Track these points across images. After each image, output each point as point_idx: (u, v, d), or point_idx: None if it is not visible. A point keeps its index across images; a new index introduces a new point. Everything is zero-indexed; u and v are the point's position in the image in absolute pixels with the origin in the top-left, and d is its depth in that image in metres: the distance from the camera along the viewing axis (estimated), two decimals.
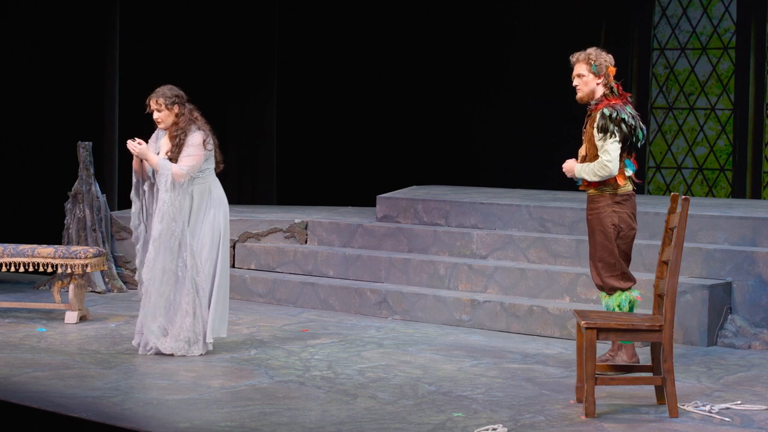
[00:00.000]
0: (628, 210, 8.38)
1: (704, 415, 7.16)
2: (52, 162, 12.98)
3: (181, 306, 8.69)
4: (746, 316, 9.51)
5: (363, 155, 15.39)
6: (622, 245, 8.39)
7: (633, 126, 8.33)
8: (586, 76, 8.43)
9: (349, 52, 15.49)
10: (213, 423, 6.79)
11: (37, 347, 8.99)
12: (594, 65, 8.39)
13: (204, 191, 8.82)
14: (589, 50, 8.50)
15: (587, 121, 8.48)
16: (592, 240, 8.44)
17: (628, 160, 8.41)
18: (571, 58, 8.54)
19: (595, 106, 8.39)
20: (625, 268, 8.42)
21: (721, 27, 14.42)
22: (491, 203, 11.33)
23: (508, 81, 15.11)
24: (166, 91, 8.83)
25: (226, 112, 15.01)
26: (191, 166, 8.71)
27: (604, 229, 8.34)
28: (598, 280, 8.45)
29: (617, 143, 8.26)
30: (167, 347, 8.68)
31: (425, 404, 7.33)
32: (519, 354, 9.00)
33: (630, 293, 8.41)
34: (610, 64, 8.45)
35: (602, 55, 8.46)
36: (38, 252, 10.23)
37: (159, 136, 8.98)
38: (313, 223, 12.03)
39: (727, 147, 14.38)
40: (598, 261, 8.40)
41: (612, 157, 8.24)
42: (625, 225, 8.37)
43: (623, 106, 8.37)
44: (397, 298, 10.59)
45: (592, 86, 8.43)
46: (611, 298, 8.40)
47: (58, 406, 7.01)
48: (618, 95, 8.43)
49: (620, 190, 8.35)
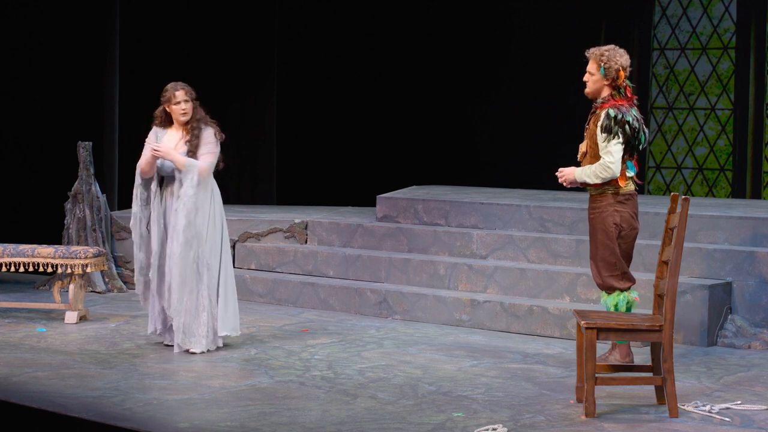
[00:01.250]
0: (630, 210, 8.37)
1: (704, 415, 7.16)
2: (52, 162, 12.98)
3: (201, 301, 8.83)
4: (746, 316, 9.51)
5: (363, 155, 15.39)
6: (623, 245, 8.39)
7: (637, 129, 8.31)
8: (594, 75, 8.39)
9: (349, 52, 15.49)
10: (213, 423, 6.79)
11: (37, 347, 8.99)
12: (603, 67, 8.34)
13: (207, 188, 8.88)
14: (604, 48, 8.39)
15: (591, 118, 8.46)
16: (593, 239, 8.43)
17: (630, 161, 8.39)
18: (587, 51, 8.48)
19: (601, 105, 8.37)
20: (626, 268, 8.41)
21: (721, 27, 14.42)
22: (491, 203, 11.33)
23: (508, 81, 15.11)
24: (186, 85, 9.04)
25: (227, 112, 14.97)
26: (211, 162, 8.91)
27: (605, 228, 8.33)
28: (599, 279, 8.44)
29: (620, 145, 8.24)
30: (196, 346, 8.82)
31: (425, 404, 7.33)
32: (519, 354, 9.00)
33: (628, 294, 8.41)
34: (621, 66, 8.36)
35: (615, 57, 8.33)
36: (38, 252, 10.23)
37: (159, 135, 9.01)
38: (313, 223, 12.03)
39: (727, 147, 14.38)
40: (599, 260, 8.39)
41: (615, 158, 8.22)
42: (627, 224, 8.36)
43: (629, 108, 8.34)
44: (397, 298, 10.59)
45: (598, 85, 8.39)
46: (609, 298, 8.41)
47: (58, 406, 7.02)
48: (625, 96, 8.40)
49: (622, 190, 8.34)
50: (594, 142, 8.35)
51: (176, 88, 8.97)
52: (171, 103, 8.96)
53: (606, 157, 8.23)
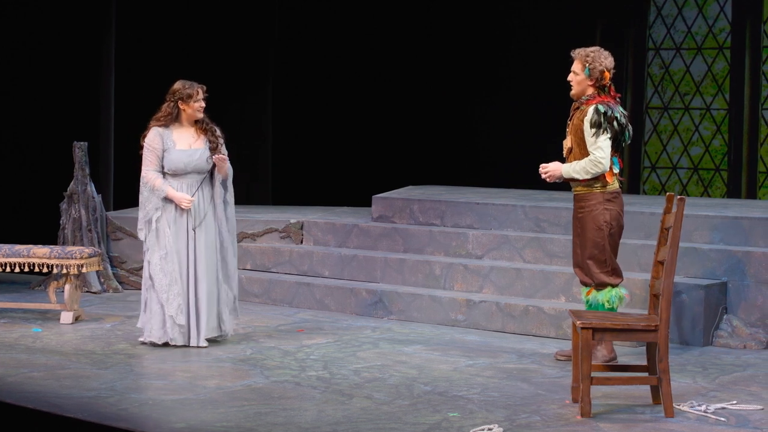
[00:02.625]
0: (618, 208, 8.51)
1: (700, 415, 7.17)
2: (47, 162, 12.96)
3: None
4: (741, 316, 9.52)
5: (359, 155, 15.38)
6: (611, 242, 8.50)
7: (624, 125, 8.44)
8: (579, 75, 8.50)
9: (347, 52, 15.48)
10: (209, 423, 6.78)
11: (33, 347, 8.98)
12: (588, 68, 8.44)
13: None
14: (589, 50, 8.51)
15: (574, 113, 8.54)
16: (582, 238, 8.51)
17: (615, 158, 8.51)
18: (572, 52, 8.56)
19: (587, 101, 8.47)
20: (616, 264, 8.53)
21: (716, 27, 14.42)
22: (487, 203, 11.33)
23: (503, 81, 15.10)
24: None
25: (224, 112, 14.97)
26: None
27: (597, 227, 8.42)
28: (584, 276, 8.52)
29: (609, 140, 8.36)
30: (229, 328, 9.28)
31: (421, 404, 7.33)
32: (515, 354, 9.00)
33: (619, 290, 8.50)
34: (606, 68, 8.46)
35: (600, 58, 8.46)
36: (34, 252, 10.22)
37: (163, 134, 9.01)
38: (308, 223, 12.02)
39: (723, 147, 14.38)
40: (588, 258, 8.47)
41: (605, 153, 8.34)
42: (616, 222, 8.49)
43: (615, 105, 8.46)
44: (392, 298, 10.59)
45: (583, 86, 8.52)
46: (600, 294, 8.48)
47: (54, 407, 7.01)
48: (609, 94, 8.50)
49: (609, 188, 8.46)
50: (579, 137, 8.45)
51: (195, 85, 9.06)
52: (192, 100, 9.00)
53: (596, 152, 8.32)
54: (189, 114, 9.04)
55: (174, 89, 9.05)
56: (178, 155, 9.00)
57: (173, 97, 9.03)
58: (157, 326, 8.97)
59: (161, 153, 9.00)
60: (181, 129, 9.08)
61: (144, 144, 9.05)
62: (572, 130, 8.53)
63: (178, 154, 9.00)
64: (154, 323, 8.97)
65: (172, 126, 9.07)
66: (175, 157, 8.99)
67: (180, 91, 9.01)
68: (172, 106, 9.03)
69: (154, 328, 8.97)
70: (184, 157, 8.99)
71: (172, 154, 8.99)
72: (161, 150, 8.99)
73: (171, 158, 8.98)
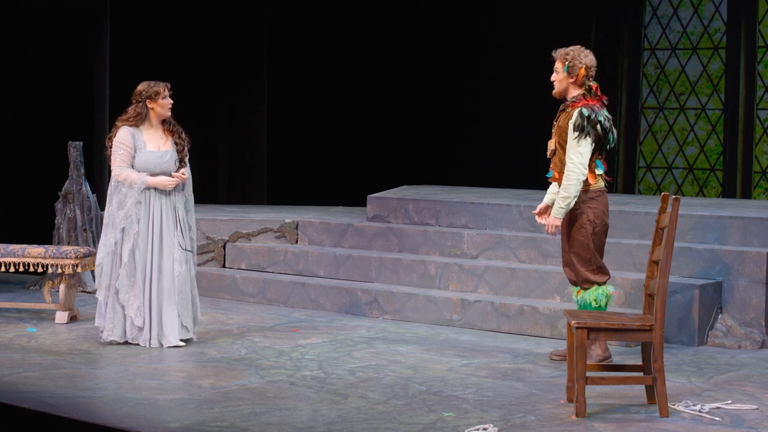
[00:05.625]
0: (601, 206, 8.53)
1: (694, 414, 7.17)
2: (42, 162, 12.96)
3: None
4: (736, 316, 9.52)
5: (353, 155, 15.38)
6: (596, 240, 8.52)
7: (607, 129, 8.47)
8: (560, 74, 8.55)
9: (340, 52, 15.48)
10: (203, 423, 6.78)
11: (28, 347, 8.97)
12: (566, 65, 8.49)
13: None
14: (570, 48, 8.60)
15: (560, 115, 8.57)
16: (567, 237, 8.55)
17: (599, 160, 8.57)
18: (554, 51, 8.62)
19: (573, 104, 8.50)
20: (601, 262, 8.57)
21: (711, 27, 14.43)
22: (482, 203, 11.34)
23: (498, 81, 15.10)
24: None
25: (217, 113, 15.00)
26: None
27: (581, 225, 8.48)
28: (572, 275, 8.54)
29: (590, 145, 8.39)
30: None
31: (416, 404, 7.33)
32: (509, 354, 9.00)
33: (606, 288, 8.51)
34: (585, 65, 8.50)
35: (580, 56, 8.53)
36: (29, 252, 10.21)
37: (135, 134, 9.00)
38: (303, 222, 12.02)
39: (718, 147, 14.39)
40: (573, 256, 8.50)
41: (583, 159, 8.36)
42: (600, 221, 8.52)
43: (600, 109, 8.48)
44: (387, 297, 10.58)
45: (564, 84, 8.58)
46: (587, 293, 8.51)
47: (49, 407, 7.00)
48: (595, 96, 8.52)
49: (592, 187, 8.48)
50: (563, 139, 8.49)
51: (159, 84, 9.05)
52: (160, 97, 8.98)
53: (574, 157, 8.35)
54: (158, 112, 9.02)
55: (140, 90, 9.04)
56: (149, 156, 8.98)
57: (140, 97, 9.02)
58: (119, 325, 9.02)
59: (133, 152, 8.97)
60: (150, 130, 9.06)
61: (114, 143, 9.00)
62: (557, 132, 8.58)
63: (149, 155, 8.98)
64: (116, 322, 9.01)
65: (141, 126, 9.05)
66: (147, 158, 8.97)
67: (146, 90, 9.01)
68: (141, 106, 9.01)
69: (116, 327, 9.02)
70: (154, 159, 8.98)
71: (143, 155, 8.97)
72: (133, 149, 8.96)
73: (143, 159, 8.96)
